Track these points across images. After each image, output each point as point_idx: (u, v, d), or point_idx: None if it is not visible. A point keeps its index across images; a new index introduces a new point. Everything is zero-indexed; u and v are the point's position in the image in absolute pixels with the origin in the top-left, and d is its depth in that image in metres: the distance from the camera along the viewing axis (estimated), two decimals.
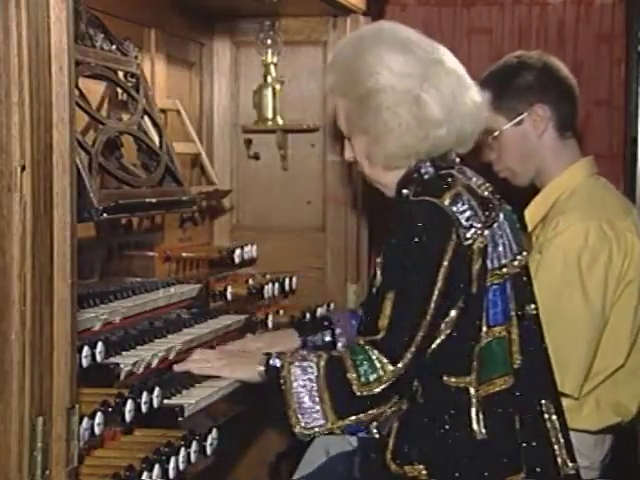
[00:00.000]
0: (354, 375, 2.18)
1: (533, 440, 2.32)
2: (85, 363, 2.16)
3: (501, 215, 2.36)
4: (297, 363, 2.26)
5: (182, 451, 2.12)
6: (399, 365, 2.16)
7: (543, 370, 2.39)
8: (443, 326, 2.20)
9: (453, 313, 2.21)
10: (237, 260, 3.28)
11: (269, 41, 3.53)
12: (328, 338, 2.73)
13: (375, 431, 2.31)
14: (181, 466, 2.11)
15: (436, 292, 2.16)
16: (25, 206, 1.45)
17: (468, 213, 2.23)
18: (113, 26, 2.78)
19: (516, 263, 2.36)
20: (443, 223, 2.20)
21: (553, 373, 2.43)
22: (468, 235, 2.21)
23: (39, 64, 1.47)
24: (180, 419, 2.28)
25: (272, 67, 3.54)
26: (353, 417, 2.21)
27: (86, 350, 2.16)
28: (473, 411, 2.23)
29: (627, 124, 4.21)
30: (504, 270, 2.31)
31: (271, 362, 2.34)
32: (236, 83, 3.71)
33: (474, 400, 2.24)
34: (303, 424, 2.23)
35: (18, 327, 1.45)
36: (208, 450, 2.24)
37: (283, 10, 3.52)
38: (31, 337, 1.46)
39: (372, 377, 2.16)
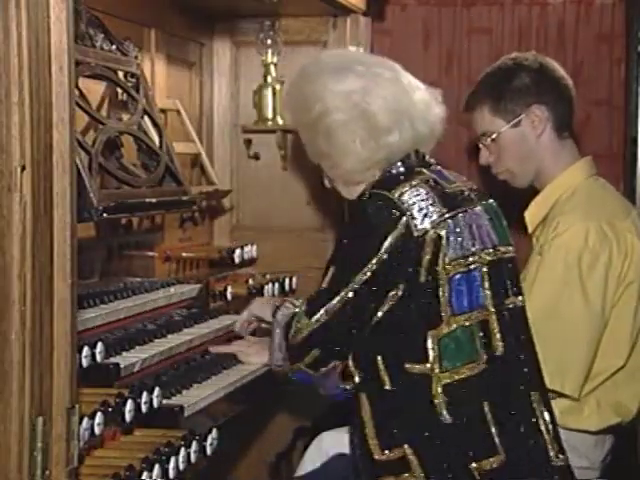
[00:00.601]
0: (290, 327, 2.43)
1: (521, 432, 2.34)
2: (85, 363, 2.16)
3: (478, 208, 2.41)
4: (283, 307, 2.51)
5: (182, 451, 2.13)
6: (311, 319, 2.36)
7: (531, 362, 2.41)
8: (380, 311, 2.30)
9: (392, 299, 2.29)
10: (237, 260, 3.28)
11: (269, 41, 3.53)
12: None
13: (321, 389, 2.48)
14: (181, 466, 2.12)
15: (366, 269, 2.28)
16: (25, 206, 1.45)
17: (422, 204, 2.30)
18: (113, 26, 2.78)
19: (489, 255, 2.38)
20: (389, 212, 2.28)
21: (541, 367, 2.44)
22: (421, 226, 2.28)
23: (39, 64, 1.47)
24: (180, 419, 2.28)
25: (272, 67, 3.54)
26: (295, 364, 2.45)
27: (86, 350, 2.16)
28: (436, 397, 2.28)
29: (627, 124, 4.21)
30: (470, 259, 2.34)
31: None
32: (236, 83, 3.72)
33: (436, 386, 2.29)
34: (274, 361, 2.51)
35: (18, 327, 1.45)
36: (208, 450, 2.25)
37: (283, 10, 3.52)
38: (31, 337, 1.46)
39: (297, 327, 2.40)
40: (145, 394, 2.16)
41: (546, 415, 2.39)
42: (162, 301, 2.81)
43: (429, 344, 2.29)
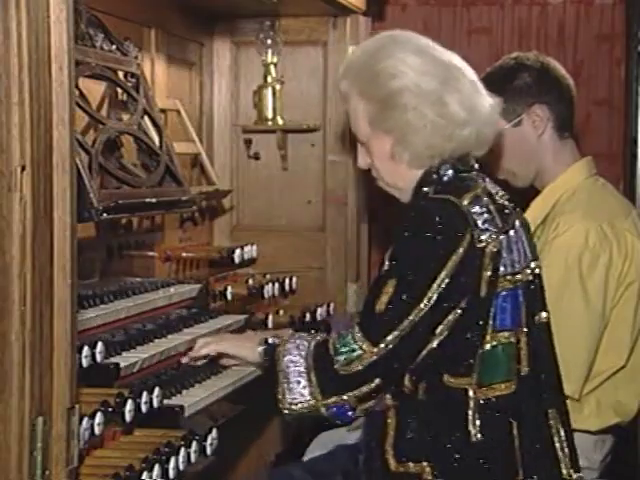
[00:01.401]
0: (337, 353, 2.19)
1: (536, 449, 2.31)
2: (85, 363, 2.16)
3: (517, 222, 2.36)
4: (292, 340, 2.29)
5: (182, 451, 2.13)
6: (379, 346, 2.16)
7: (551, 379, 2.38)
8: (442, 326, 2.20)
9: (455, 312, 2.20)
10: (237, 260, 3.28)
11: (269, 41, 3.53)
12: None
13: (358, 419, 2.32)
14: (181, 466, 2.12)
15: (436, 286, 2.16)
16: (25, 206, 1.45)
17: (485, 216, 2.24)
18: (113, 26, 2.78)
19: (529, 271, 2.35)
20: (459, 222, 2.20)
21: (561, 382, 2.41)
22: (482, 238, 2.21)
23: (39, 64, 1.47)
24: (180, 419, 2.28)
25: (272, 67, 3.54)
26: (334, 397, 2.20)
27: (86, 350, 2.16)
28: (470, 413, 2.23)
29: (627, 124, 4.21)
30: (517, 277, 2.30)
31: (270, 340, 2.39)
32: (236, 83, 3.72)
33: (472, 403, 2.23)
34: (289, 400, 2.23)
35: (18, 327, 1.45)
36: (208, 450, 2.25)
37: (283, 10, 3.52)
38: (31, 337, 1.46)
39: (353, 355, 2.17)
40: (145, 394, 2.16)
41: (562, 432, 2.35)
42: (162, 301, 2.80)
43: (476, 360, 2.23)
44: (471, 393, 2.23)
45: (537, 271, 2.40)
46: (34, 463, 1.47)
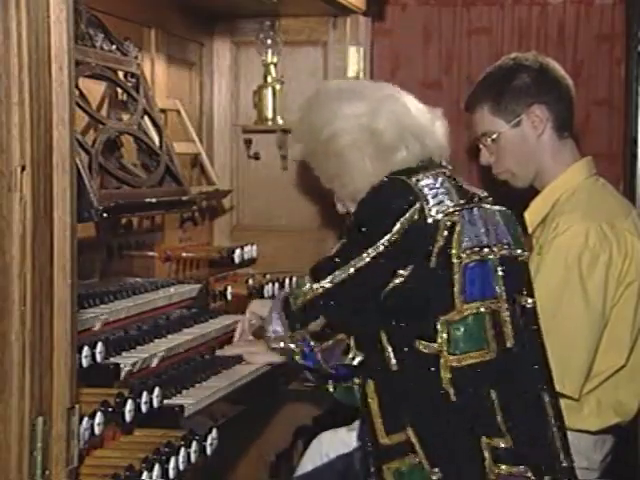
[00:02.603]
0: (292, 293, 2.49)
1: (532, 428, 2.36)
2: (85, 363, 2.16)
3: (495, 209, 2.47)
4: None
5: (182, 451, 2.12)
6: (317, 284, 2.40)
7: (540, 363, 2.43)
8: (387, 291, 2.33)
9: (398, 279, 2.32)
10: (237, 260, 3.28)
11: (269, 41, 3.53)
12: None
13: (323, 364, 2.47)
14: (181, 466, 2.11)
15: (376, 248, 2.32)
16: (25, 206, 1.45)
17: (439, 190, 2.36)
18: (113, 26, 2.78)
19: (504, 249, 2.43)
20: (406, 194, 2.34)
21: (551, 370, 2.45)
22: (434, 213, 2.32)
23: (39, 64, 1.47)
24: (180, 419, 2.28)
25: (272, 67, 3.54)
26: (294, 332, 2.46)
27: (86, 350, 2.16)
28: (444, 376, 2.31)
29: (627, 124, 4.21)
30: (485, 250, 2.38)
31: None
32: (236, 83, 3.72)
33: (444, 367, 2.32)
34: (271, 329, 2.52)
35: (18, 327, 1.45)
36: (208, 450, 2.24)
37: (283, 10, 3.52)
38: (31, 337, 1.46)
39: (299, 292, 2.45)
40: (145, 394, 2.16)
41: (556, 417, 2.41)
42: (162, 301, 2.80)
43: (439, 327, 2.32)
44: (442, 360, 2.32)
45: (521, 259, 2.48)
46: (34, 463, 1.47)
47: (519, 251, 2.47)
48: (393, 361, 2.36)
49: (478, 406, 2.33)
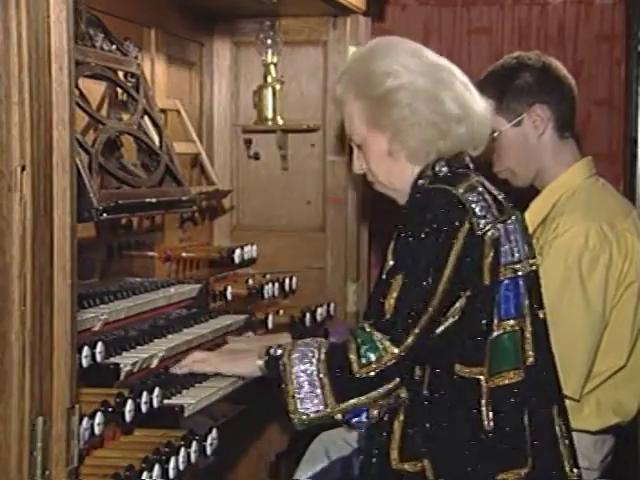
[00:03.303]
0: (354, 356, 2.16)
1: (542, 441, 2.31)
2: (85, 363, 2.16)
3: (514, 217, 2.38)
4: (297, 349, 2.25)
5: (182, 451, 2.12)
6: (401, 347, 2.15)
7: (551, 376, 2.39)
8: (449, 313, 2.20)
9: (461, 301, 2.21)
10: (237, 260, 3.28)
11: (269, 41, 3.53)
12: None
13: (373, 420, 2.26)
14: (181, 466, 2.12)
15: (444, 277, 2.18)
16: (25, 206, 1.45)
17: (482, 204, 2.26)
18: (113, 26, 2.78)
19: (527, 265, 2.36)
20: (456, 210, 2.22)
21: (559, 380, 2.42)
22: (481, 224, 2.23)
23: (39, 64, 1.47)
24: (180, 419, 2.28)
25: (272, 67, 3.54)
26: (352, 400, 2.19)
27: (86, 350, 2.16)
28: (483, 402, 2.23)
29: (627, 124, 4.21)
30: (517, 266, 2.31)
31: (272, 352, 2.34)
32: (236, 83, 3.71)
33: (484, 392, 2.23)
34: (301, 410, 2.20)
35: (18, 327, 1.45)
36: (208, 450, 2.24)
37: (283, 10, 3.52)
38: (31, 337, 1.46)
39: (372, 357, 2.15)
40: (145, 394, 2.16)
41: (563, 428, 2.37)
42: (162, 301, 2.80)
43: (487, 349, 2.23)
44: (483, 382, 2.23)
45: (535, 268, 2.41)
46: (34, 463, 1.47)
47: (532, 260, 2.40)
48: (425, 387, 2.24)
49: (513, 433, 2.24)
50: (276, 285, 3.30)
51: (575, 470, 2.38)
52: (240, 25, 3.67)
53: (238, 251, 3.28)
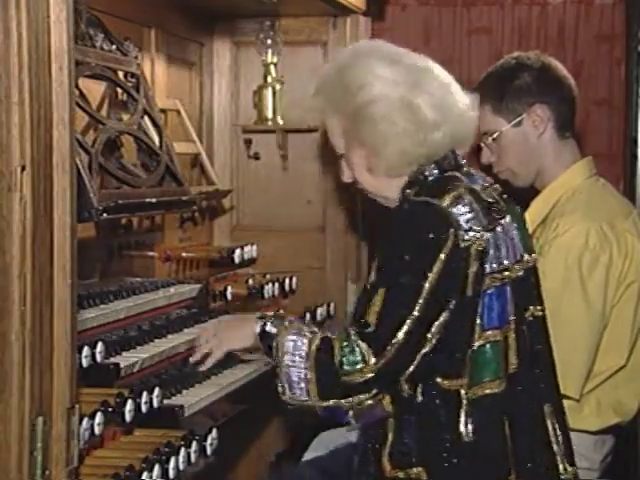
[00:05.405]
0: (339, 362, 2.17)
1: (530, 447, 2.29)
2: (85, 363, 2.16)
3: (508, 217, 2.34)
4: (291, 336, 2.25)
5: (182, 451, 2.13)
6: (382, 359, 2.15)
7: (545, 373, 2.37)
8: (434, 328, 2.18)
9: (445, 315, 2.19)
10: (237, 260, 3.28)
11: (269, 41, 3.53)
12: None
13: (352, 420, 2.28)
14: (181, 466, 2.12)
15: (425, 290, 2.16)
16: (25, 206, 1.45)
17: (468, 215, 2.22)
18: (113, 26, 2.78)
19: (519, 266, 2.33)
20: (441, 224, 2.20)
21: (556, 376, 2.40)
22: (466, 237, 2.20)
23: (39, 64, 1.47)
24: (180, 419, 2.28)
25: (272, 67, 3.54)
26: (332, 401, 2.21)
27: (86, 350, 2.16)
28: (462, 414, 2.23)
29: (627, 124, 4.21)
30: (505, 273, 2.29)
31: (267, 328, 2.32)
32: (236, 83, 3.72)
33: (464, 402, 2.23)
34: (289, 394, 2.23)
35: (18, 327, 1.45)
36: (208, 450, 2.25)
37: (283, 10, 3.52)
38: (31, 337, 1.46)
39: (356, 367, 2.16)
40: (145, 394, 2.16)
41: (557, 426, 2.34)
42: (162, 301, 2.80)
43: (467, 361, 2.22)
44: (463, 393, 2.23)
45: (531, 264, 2.39)
46: (34, 463, 1.47)
47: (527, 257, 2.37)
48: (419, 393, 2.23)
49: (493, 443, 2.24)
50: (276, 285, 3.30)
51: (570, 468, 2.35)
52: (240, 25, 3.67)
53: (238, 251, 3.28)
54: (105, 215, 2.41)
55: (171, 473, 2.08)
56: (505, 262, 2.29)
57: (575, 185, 2.93)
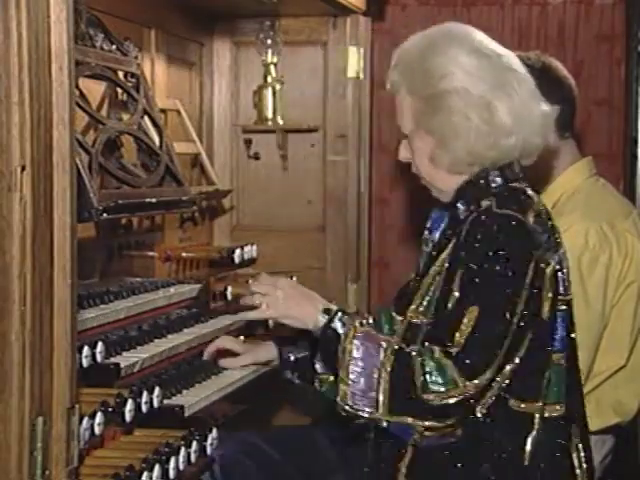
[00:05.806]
0: (421, 380, 2.07)
1: (561, 465, 2.27)
2: (85, 363, 2.15)
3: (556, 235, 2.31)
4: (361, 342, 2.14)
5: (182, 451, 2.13)
6: (476, 382, 2.08)
7: (578, 397, 2.36)
8: (520, 354, 2.16)
9: (528, 338, 2.16)
10: (237, 260, 3.27)
11: (269, 41, 3.53)
12: (305, 354, 2.55)
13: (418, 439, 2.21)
14: (181, 466, 2.12)
15: (518, 313, 2.11)
16: (25, 206, 1.45)
17: (547, 234, 2.19)
18: (113, 26, 2.78)
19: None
20: (527, 241, 2.14)
21: (584, 399, 2.39)
22: (546, 256, 2.16)
23: (39, 64, 1.47)
24: (180, 419, 2.28)
25: (272, 67, 3.54)
26: (403, 417, 2.12)
27: (86, 350, 2.16)
28: (531, 436, 2.19)
29: (627, 124, 4.21)
30: (568, 297, 2.27)
31: (333, 325, 2.23)
32: (236, 83, 3.71)
33: (536, 426, 2.19)
34: (350, 403, 2.12)
35: (18, 327, 1.45)
36: (208, 450, 2.24)
37: (283, 10, 3.52)
38: (31, 337, 1.46)
39: (441, 387, 2.07)
40: (145, 394, 2.16)
41: (580, 448, 2.30)
42: (162, 301, 2.80)
43: (544, 382, 2.20)
44: (537, 417, 2.19)
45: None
46: (34, 463, 1.47)
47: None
48: (479, 410, 2.18)
49: (550, 466, 2.20)
50: None
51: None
52: (240, 25, 3.67)
53: (238, 251, 3.28)
54: (105, 215, 2.41)
55: (171, 473, 2.08)
56: (567, 284, 2.26)
57: (575, 185, 2.93)
